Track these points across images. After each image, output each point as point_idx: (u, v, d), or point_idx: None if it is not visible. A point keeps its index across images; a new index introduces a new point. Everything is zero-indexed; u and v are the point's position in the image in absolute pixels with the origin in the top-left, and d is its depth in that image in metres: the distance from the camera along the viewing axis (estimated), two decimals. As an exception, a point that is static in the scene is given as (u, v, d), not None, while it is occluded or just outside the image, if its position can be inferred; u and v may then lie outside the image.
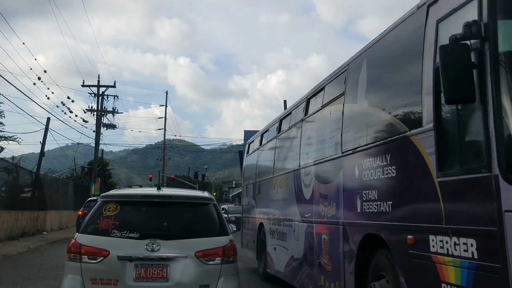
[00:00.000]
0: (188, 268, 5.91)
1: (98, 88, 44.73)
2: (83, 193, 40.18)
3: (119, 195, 6.75)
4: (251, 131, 65.31)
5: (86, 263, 5.90)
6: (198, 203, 6.69)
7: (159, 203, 6.50)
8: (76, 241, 6.09)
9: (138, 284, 5.84)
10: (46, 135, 35.91)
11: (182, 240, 6.10)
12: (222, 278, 6.02)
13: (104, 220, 6.15)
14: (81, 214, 24.09)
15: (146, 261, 5.87)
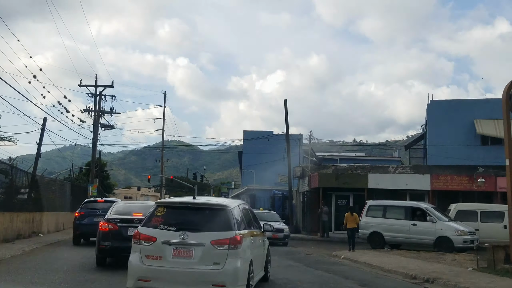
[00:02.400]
0: (205, 251, 9.27)
1: (95, 88, 44.05)
2: (81, 195, 39.50)
3: (166, 201, 10.91)
4: (250, 131, 65.41)
5: (143, 245, 9.50)
6: (217, 208, 10.08)
7: (191, 208, 10.11)
8: (137, 231, 9.81)
9: (174, 260, 9.30)
10: (43, 135, 35.34)
11: (203, 233, 9.46)
12: (229, 258, 9.25)
13: (155, 218, 9.81)
14: (78, 215, 23.46)
15: (179, 245, 9.34)
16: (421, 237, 23.72)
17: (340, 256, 21.30)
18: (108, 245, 14.15)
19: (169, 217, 9.75)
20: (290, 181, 37.33)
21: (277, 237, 27.01)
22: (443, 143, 35.10)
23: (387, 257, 20.43)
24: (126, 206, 16.29)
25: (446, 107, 37.27)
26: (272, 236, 25.35)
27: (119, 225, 14.30)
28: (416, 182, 31.17)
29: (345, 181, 32.29)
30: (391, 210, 25.24)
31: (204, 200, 11.44)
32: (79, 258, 16.79)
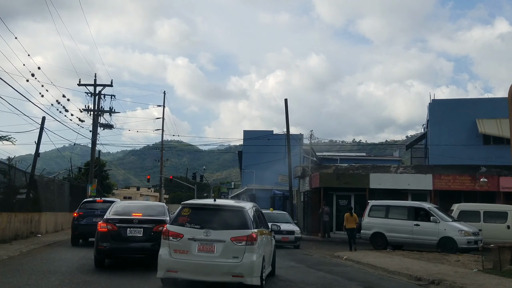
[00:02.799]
0: (226, 246, 10.55)
1: (94, 87, 43.72)
2: (80, 194, 39.18)
3: (191, 203, 11.84)
4: (250, 131, 65.10)
5: (171, 241, 10.83)
6: (236, 209, 11.44)
7: (213, 209, 11.38)
8: (166, 229, 11.10)
9: (198, 254, 10.58)
10: (41, 135, 34.98)
11: (224, 231, 10.74)
12: (246, 253, 10.53)
13: (181, 217, 11.12)
14: (77, 216, 23.15)
15: (203, 241, 10.62)
16: (424, 237, 23.42)
17: (342, 257, 21.01)
18: (107, 246, 13.84)
19: (193, 216, 11.14)
20: (290, 181, 37.02)
21: (287, 239, 25.42)
22: (444, 143, 34.87)
23: (389, 258, 20.14)
24: (125, 206, 15.99)
25: (448, 106, 37.05)
26: (281, 239, 24.44)
27: (118, 226, 13.99)
28: (418, 182, 30.82)
29: (346, 181, 31.95)
30: (393, 210, 24.94)
31: (224, 202, 12.76)
32: (77, 259, 16.49)
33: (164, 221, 14.32)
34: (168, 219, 14.67)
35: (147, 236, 14.00)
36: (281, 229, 23.79)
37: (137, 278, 12.83)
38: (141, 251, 14.10)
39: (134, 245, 13.96)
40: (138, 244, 13.98)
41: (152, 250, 13.95)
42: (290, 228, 25.69)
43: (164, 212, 15.18)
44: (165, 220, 14.42)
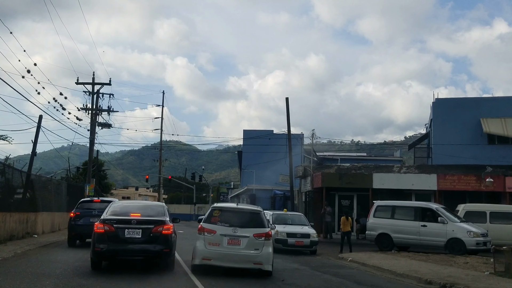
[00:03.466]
0: (249, 241, 13.51)
1: (92, 86, 43.06)
2: (77, 194, 38.57)
3: (220, 206, 14.87)
4: (250, 130, 64.58)
5: (206, 236, 13.67)
6: (255, 212, 14.63)
7: (238, 211, 14.58)
8: (201, 226, 13.92)
9: (228, 246, 13.52)
10: (38, 133, 34.29)
11: (247, 228, 13.70)
12: (264, 246, 13.59)
13: (214, 217, 14.02)
14: (73, 216, 22.48)
15: (231, 237, 13.57)
16: (432, 239, 22.82)
17: (346, 258, 20.41)
18: (104, 248, 13.18)
19: (223, 217, 14.19)
20: (291, 181, 36.37)
21: (301, 243, 22.89)
22: (448, 142, 34.29)
23: (396, 260, 19.54)
24: (123, 206, 15.35)
25: (451, 105, 36.49)
26: (295, 243, 22.79)
27: (115, 227, 13.34)
28: (422, 182, 30.20)
29: (348, 180, 31.31)
30: (400, 211, 24.34)
31: (245, 206, 16.39)
32: (73, 261, 15.86)
33: (164, 222, 13.72)
34: (168, 219, 14.07)
35: (146, 237, 13.35)
36: (295, 232, 22.94)
37: (136, 281, 12.23)
38: (140, 253, 13.43)
39: (133, 246, 13.31)
40: (136, 246, 13.33)
41: (152, 252, 13.36)
42: (305, 230, 23.52)
43: (163, 212, 14.53)
44: (164, 220, 13.81)
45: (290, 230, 23.19)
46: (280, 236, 22.67)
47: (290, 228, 23.51)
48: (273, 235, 21.43)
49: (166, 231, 13.55)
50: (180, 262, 16.13)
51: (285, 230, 23.06)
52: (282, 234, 22.77)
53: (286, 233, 22.85)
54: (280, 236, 22.67)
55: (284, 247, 22.49)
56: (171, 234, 13.79)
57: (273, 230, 21.70)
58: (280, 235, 22.68)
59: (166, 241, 13.51)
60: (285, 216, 25.45)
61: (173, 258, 14.49)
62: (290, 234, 22.87)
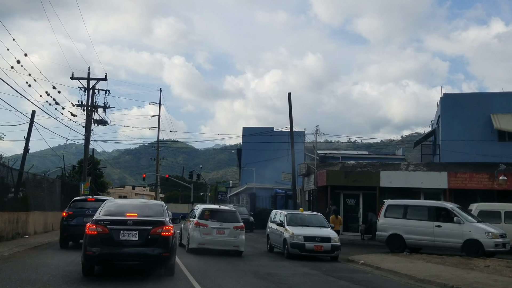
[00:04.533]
0: (230, 231, 19.88)
1: (88, 81, 41.64)
2: (72, 193, 37.14)
3: (210, 208, 21.65)
4: (250, 127, 63.28)
5: (201, 228, 19.92)
6: (233, 211, 21.33)
7: (221, 211, 21.17)
8: (197, 221, 20.05)
9: (216, 235, 19.83)
10: (31, 129, 33.14)
11: (228, 223, 20.04)
12: (240, 234, 19.92)
13: (205, 215, 20.34)
14: (66, 215, 21.12)
15: (219, 228, 19.85)
16: (447, 240, 21.50)
17: (358, 261, 19.07)
18: (97, 252, 11.81)
19: (211, 215, 20.50)
20: (294, 179, 35.03)
21: (321, 249, 19.77)
22: (457, 139, 32.99)
23: (411, 263, 18.24)
24: (118, 205, 13.96)
25: (460, 100, 35.18)
26: (314, 248, 19.69)
27: (109, 228, 11.96)
28: (432, 180, 28.86)
29: (355, 178, 29.93)
30: (412, 210, 23.03)
31: (225, 207, 23.82)
32: (64, 265, 14.52)
33: (163, 222, 12.36)
34: (167, 219, 12.71)
35: (144, 239, 11.98)
36: (314, 235, 20.21)
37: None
38: (136, 257, 12.04)
39: (128, 250, 11.93)
40: (133, 249, 11.96)
41: (150, 256, 12.00)
42: (324, 233, 20.42)
43: (162, 212, 13.14)
44: (164, 221, 12.45)
45: (308, 233, 20.12)
46: (296, 240, 19.74)
47: (308, 230, 20.45)
48: (288, 239, 20.07)
49: (166, 232, 12.19)
50: (180, 266, 14.80)
51: (302, 233, 19.99)
52: (299, 237, 19.75)
53: (303, 236, 19.79)
54: (296, 240, 19.74)
55: (301, 252, 19.68)
56: (172, 236, 12.39)
57: (287, 232, 20.35)
58: (296, 239, 19.74)
59: (166, 244, 12.15)
60: (302, 216, 22.27)
61: (173, 262, 13.03)
62: (308, 237, 19.82)
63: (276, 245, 21.99)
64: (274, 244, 22.36)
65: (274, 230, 22.11)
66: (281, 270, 15.99)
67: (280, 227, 21.22)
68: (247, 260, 18.82)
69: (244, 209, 43.42)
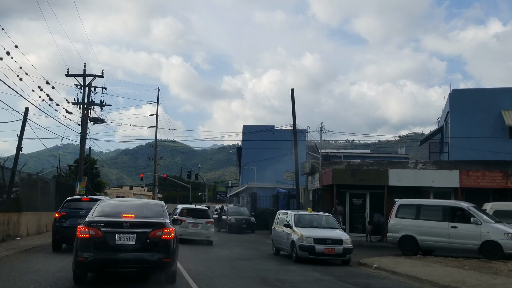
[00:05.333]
0: (203, 225, 26.36)
1: (84, 78, 40.40)
2: (68, 193, 35.84)
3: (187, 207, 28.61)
4: (250, 126, 62.10)
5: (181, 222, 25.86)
6: (205, 209, 28.47)
7: (196, 209, 28.20)
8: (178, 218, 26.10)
9: (192, 228, 26.10)
10: (24, 127, 31.99)
11: (201, 219, 26.58)
12: (210, 228, 26.62)
13: (184, 213, 27.04)
14: (58, 216, 19.82)
15: (194, 223, 26.25)
16: (463, 241, 20.25)
17: (370, 265, 17.81)
18: (89, 257, 10.55)
19: (188, 212, 26.63)
20: (297, 178, 33.79)
21: (332, 251, 18.36)
22: (466, 136, 31.78)
23: (429, 267, 17.01)
24: (114, 205, 12.67)
25: (470, 96, 33.99)
26: (324, 251, 18.25)
27: (103, 231, 10.71)
28: (443, 179, 27.54)
29: (362, 177, 28.59)
30: (426, 210, 21.78)
31: (200, 206, 30.50)
32: (54, 271, 13.27)
33: (164, 224, 11.11)
34: (168, 221, 11.46)
35: (142, 243, 10.74)
36: (324, 237, 18.70)
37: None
38: (133, 263, 10.78)
39: (125, 255, 10.68)
40: (129, 255, 10.70)
41: (148, 262, 10.73)
42: (335, 235, 19.01)
43: (162, 213, 11.90)
44: (164, 223, 11.20)
45: (318, 234, 18.72)
46: (306, 242, 18.32)
47: (318, 232, 19.07)
48: (296, 241, 18.50)
49: (166, 236, 10.94)
50: (182, 272, 13.53)
51: (311, 234, 18.61)
52: (308, 239, 18.35)
53: (313, 238, 18.38)
54: (306, 242, 18.32)
55: (311, 256, 18.31)
56: (173, 239, 11.13)
57: (296, 234, 18.86)
58: (306, 241, 18.33)
59: (167, 249, 10.89)
60: (310, 217, 20.93)
61: (174, 269, 11.68)
62: (318, 239, 18.39)
63: (282, 247, 20.71)
64: (280, 247, 21.09)
65: (280, 231, 20.85)
66: (291, 276, 14.75)
67: (287, 229, 19.87)
68: (253, 264, 17.58)
69: (245, 209, 42.18)
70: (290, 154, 37.81)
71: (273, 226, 22.50)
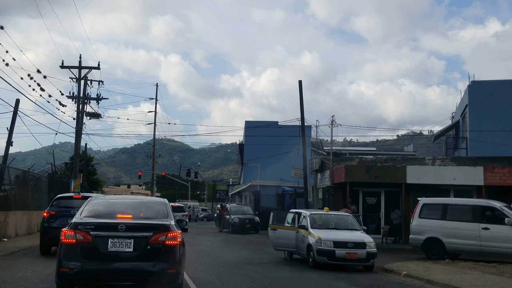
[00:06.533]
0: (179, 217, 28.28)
1: (79, 70, 38.39)
2: (62, 191, 33.63)
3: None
4: (253, 121, 60.22)
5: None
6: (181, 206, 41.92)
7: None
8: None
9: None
10: (15, 119, 30.27)
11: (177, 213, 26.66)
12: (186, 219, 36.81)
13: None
14: (47, 216, 17.79)
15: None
16: (497, 244, 18.24)
17: (398, 271, 15.78)
18: (75, 268, 8.51)
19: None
20: (305, 175, 31.75)
21: (354, 257, 16.13)
22: (486, 130, 29.82)
23: (465, 274, 15.01)
24: (108, 203, 10.52)
25: (490, 88, 31.99)
26: (346, 256, 16.04)
27: (93, 235, 8.67)
28: (466, 176, 25.43)
29: (377, 174, 26.51)
30: (453, 210, 19.80)
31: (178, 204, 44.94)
32: (37, 281, 11.33)
33: (168, 227, 9.06)
34: (173, 223, 9.36)
35: (141, 250, 8.70)
36: (346, 240, 16.40)
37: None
38: (130, 275, 8.65)
39: (120, 265, 8.62)
40: (125, 265, 8.65)
41: (149, 273, 8.66)
42: (357, 238, 16.81)
43: (166, 213, 9.80)
44: (168, 225, 9.15)
45: (338, 237, 16.56)
46: (324, 246, 16.12)
47: (337, 234, 16.92)
48: (314, 245, 16.15)
49: (171, 241, 8.90)
50: (188, 283, 11.51)
51: (330, 237, 16.45)
52: (327, 243, 16.14)
53: (333, 241, 16.19)
54: (324, 246, 16.12)
55: (330, 261, 16.13)
56: (179, 245, 9.07)
57: (312, 237, 16.64)
58: (325, 245, 16.12)
59: (172, 257, 8.88)
60: (328, 217, 18.62)
61: (181, 282, 9.47)
62: (339, 243, 16.21)
63: (296, 251, 18.64)
64: (292, 250, 19.02)
65: (288, 232, 18.80)
66: (314, 286, 12.74)
67: (302, 230, 17.77)
68: (265, 271, 15.55)
69: (249, 208, 40.17)
70: (296, 151, 35.89)
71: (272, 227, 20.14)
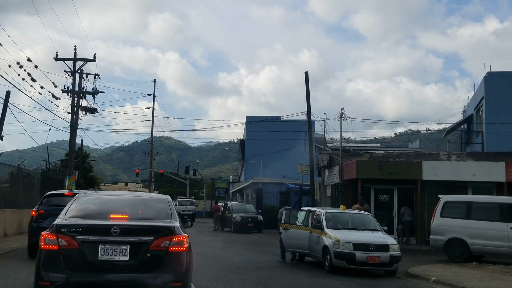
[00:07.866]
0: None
1: (74, 63, 36.92)
2: (55, 188, 31.98)
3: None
4: (254, 116, 58.58)
5: None
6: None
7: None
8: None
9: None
10: (5, 112, 28.81)
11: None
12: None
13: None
14: (36, 215, 16.17)
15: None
16: None
17: (425, 277, 14.17)
18: (57, 282, 6.85)
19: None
20: (312, 172, 30.16)
21: (376, 260, 14.48)
22: (505, 123, 28.26)
23: (502, 280, 13.46)
24: (99, 201, 8.81)
25: (509, 80, 30.33)
26: (367, 259, 14.40)
27: (80, 240, 7.00)
28: (486, 172, 23.78)
29: (391, 170, 24.84)
30: (478, 209, 18.24)
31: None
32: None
33: (172, 230, 7.41)
34: (178, 224, 7.68)
35: (139, 259, 7.06)
36: (367, 242, 14.75)
37: None
38: None
39: (113, 277, 6.97)
40: (120, 276, 7.00)
41: (149, 287, 7.06)
42: (379, 239, 15.23)
43: (169, 212, 8.12)
44: (172, 227, 7.50)
45: (358, 239, 14.95)
46: (343, 248, 14.51)
47: (357, 235, 15.29)
48: (331, 247, 14.38)
49: (176, 247, 7.28)
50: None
51: (350, 238, 14.84)
52: (346, 245, 14.54)
53: (353, 243, 14.58)
54: (343, 248, 14.51)
55: (350, 265, 14.51)
56: (186, 252, 7.43)
57: (329, 238, 14.97)
58: (343, 247, 14.52)
59: (177, 267, 7.24)
60: (345, 216, 16.91)
61: None
62: (359, 245, 14.57)
63: (309, 253, 16.98)
64: (304, 252, 17.37)
65: (300, 232, 17.18)
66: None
67: (316, 230, 16.08)
68: (278, 276, 13.95)
69: (251, 207, 38.56)
70: (300, 146, 34.37)
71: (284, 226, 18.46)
